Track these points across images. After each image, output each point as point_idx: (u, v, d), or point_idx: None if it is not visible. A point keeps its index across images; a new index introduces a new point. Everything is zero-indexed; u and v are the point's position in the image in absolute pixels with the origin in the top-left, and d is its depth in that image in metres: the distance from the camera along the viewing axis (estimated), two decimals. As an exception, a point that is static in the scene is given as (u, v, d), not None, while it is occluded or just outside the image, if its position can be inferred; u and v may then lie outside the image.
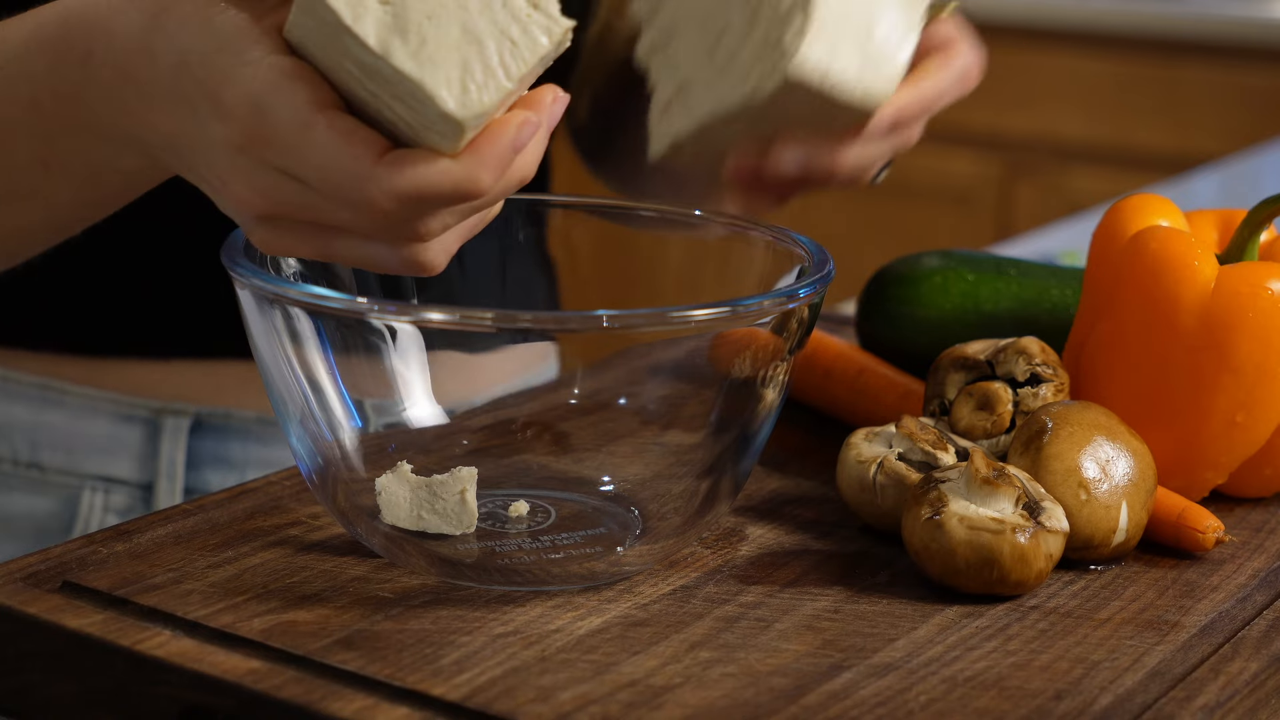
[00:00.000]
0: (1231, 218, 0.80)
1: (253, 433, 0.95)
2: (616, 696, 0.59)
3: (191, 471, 0.96)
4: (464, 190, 0.60)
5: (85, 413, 0.96)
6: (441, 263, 0.63)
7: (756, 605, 0.66)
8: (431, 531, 0.68)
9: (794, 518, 0.75)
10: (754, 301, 0.66)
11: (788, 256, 0.72)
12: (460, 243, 0.64)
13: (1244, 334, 0.73)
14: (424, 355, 0.69)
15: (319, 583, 0.66)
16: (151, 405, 0.95)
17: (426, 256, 0.62)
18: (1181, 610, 0.67)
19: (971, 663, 0.62)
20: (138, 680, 0.61)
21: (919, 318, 0.88)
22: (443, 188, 0.59)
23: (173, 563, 0.67)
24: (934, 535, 0.66)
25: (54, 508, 0.97)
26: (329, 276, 0.71)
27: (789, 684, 0.60)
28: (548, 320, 0.69)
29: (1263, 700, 0.61)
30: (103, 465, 0.96)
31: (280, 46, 0.60)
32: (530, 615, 0.64)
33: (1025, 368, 0.76)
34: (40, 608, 0.64)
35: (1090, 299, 0.79)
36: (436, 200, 0.60)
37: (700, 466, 0.68)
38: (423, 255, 0.62)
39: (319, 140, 0.59)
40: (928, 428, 0.73)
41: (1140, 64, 2.99)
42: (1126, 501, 0.70)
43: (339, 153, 0.59)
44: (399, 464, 0.69)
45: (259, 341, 0.66)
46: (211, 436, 0.95)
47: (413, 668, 0.60)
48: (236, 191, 0.62)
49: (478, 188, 0.60)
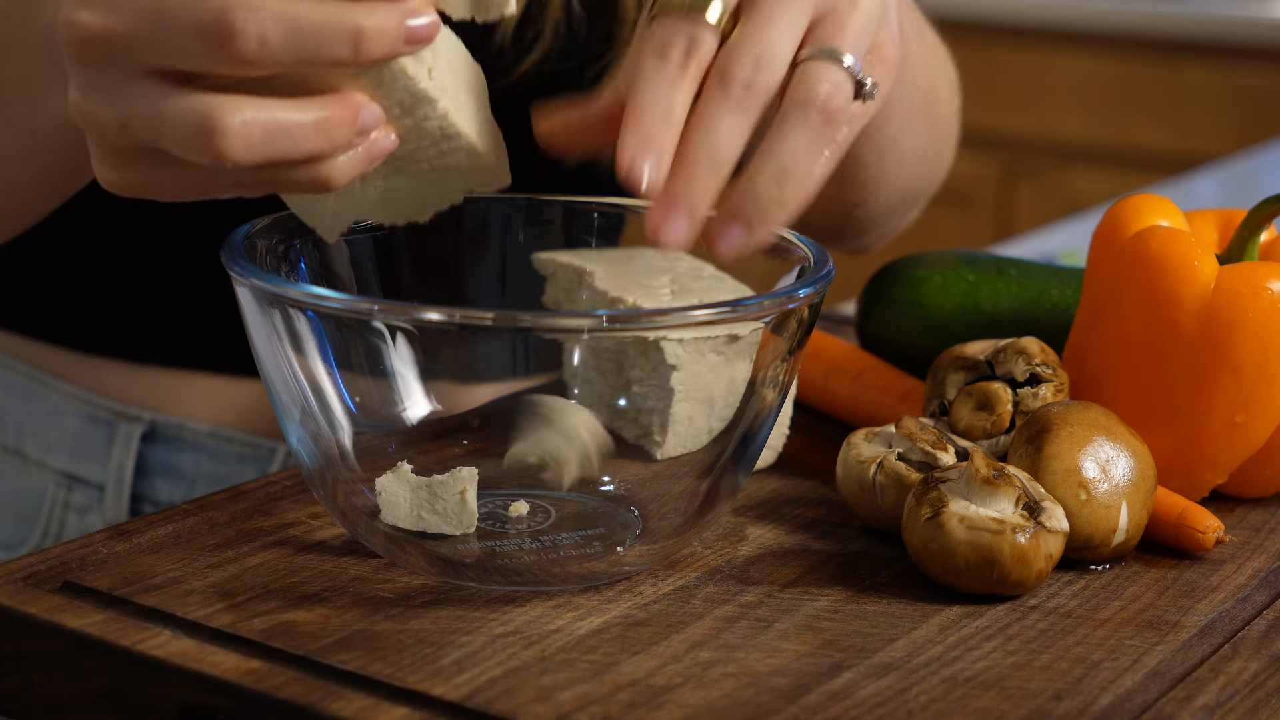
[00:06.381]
0: (1231, 218, 0.80)
1: (205, 446, 0.96)
2: (616, 696, 0.59)
3: (141, 478, 0.96)
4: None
5: (60, 408, 0.96)
6: (236, 141, 0.57)
7: (756, 605, 0.66)
8: (432, 532, 0.68)
9: (794, 518, 0.75)
10: (754, 301, 0.66)
11: (788, 256, 0.72)
12: (267, 140, 0.58)
13: (1244, 334, 0.73)
14: (424, 355, 0.69)
15: (319, 583, 0.66)
16: (113, 407, 0.95)
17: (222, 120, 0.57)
18: (1181, 610, 0.67)
19: (971, 663, 0.62)
20: (138, 680, 0.61)
21: (919, 318, 0.88)
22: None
23: (173, 563, 0.67)
24: (934, 535, 0.66)
25: (32, 497, 0.98)
26: (329, 277, 0.71)
27: (789, 684, 0.60)
28: (548, 320, 0.69)
29: (1263, 700, 0.61)
30: (68, 463, 0.97)
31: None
32: (530, 615, 0.64)
33: (1025, 368, 0.76)
34: (40, 608, 0.64)
35: (1090, 299, 0.79)
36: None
37: (700, 467, 0.68)
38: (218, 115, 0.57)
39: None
40: (928, 428, 0.73)
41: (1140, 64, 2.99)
42: (1126, 501, 0.70)
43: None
44: (399, 464, 0.69)
45: (259, 341, 0.66)
46: (164, 446, 0.96)
47: (413, 668, 0.60)
48: (66, 14, 0.59)
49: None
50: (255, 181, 0.60)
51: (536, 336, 0.73)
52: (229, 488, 0.75)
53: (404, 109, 0.61)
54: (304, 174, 0.60)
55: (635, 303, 0.75)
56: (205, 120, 0.57)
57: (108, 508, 0.96)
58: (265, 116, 0.57)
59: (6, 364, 0.98)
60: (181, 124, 0.57)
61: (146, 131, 0.58)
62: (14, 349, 0.98)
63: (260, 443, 0.96)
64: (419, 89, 0.61)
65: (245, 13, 0.56)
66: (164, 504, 0.96)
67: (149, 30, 0.57)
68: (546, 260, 0.80)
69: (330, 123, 0.58)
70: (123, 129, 0.59)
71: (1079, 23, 3.02)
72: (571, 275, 0.79)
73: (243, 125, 0.57)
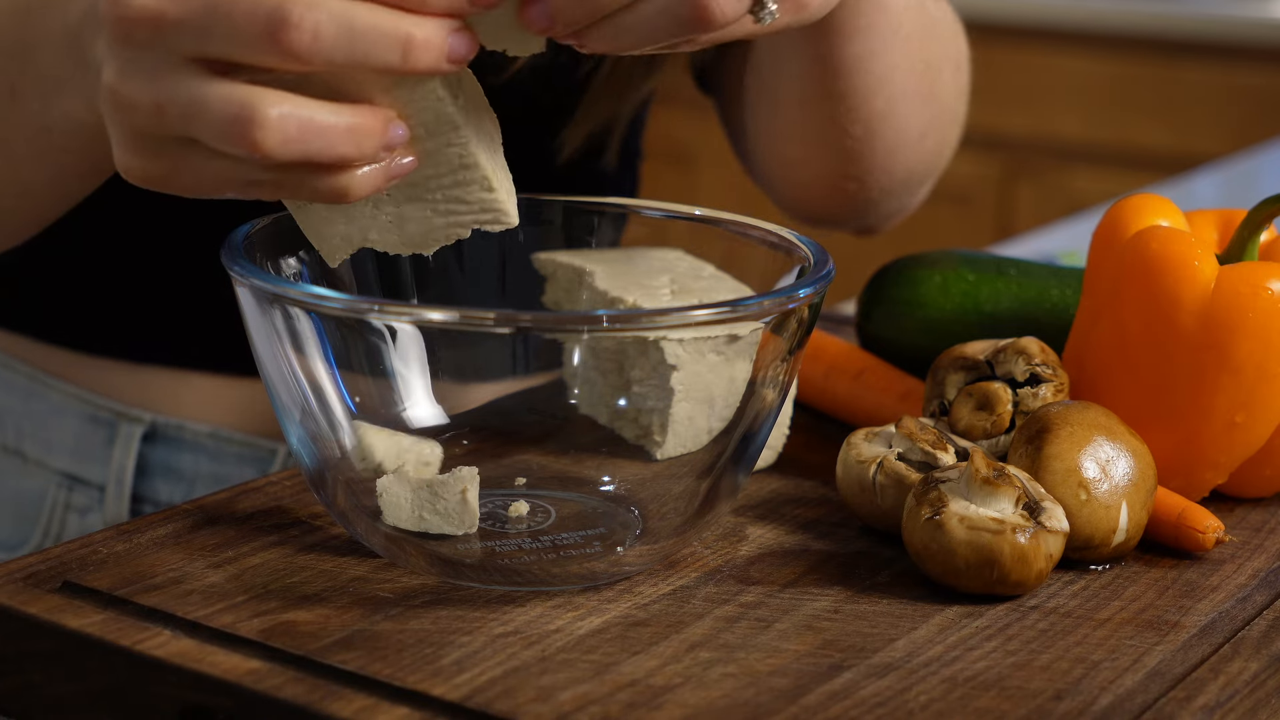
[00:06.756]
0: (1231, 218, 0.80)
1: (205, 447, 0.96)
2: (616, 696, 0.59)
3: (141, 479, 0.96)
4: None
5: (61, 408, 0.96)
6: (273, 133, 0.58)
7: (756, 605, 0.66)
8: (433, 532, 0.68)
9: (794, 518, 0.75)
10: (754, 301, 0.66)
11: (788, 256, 0.72)
12: (304, 135, 0.58)
13: (1244, 334, 0.73)
14: (424, 355, 0.69)
15: (319, 583, 0.66)
16: (113, 408, 0.96)
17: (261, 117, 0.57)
18: (1181, 610, 0.67)
19: (971, 663, 0.62)
20: (138, 680, 0.61)
21: (919, 318, 0.88)
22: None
23: (173, 563, 0.67)
24: (934, 535, 0.66)
25: (33, 498, 0.98)
26: (329, 277, 0.71)
27: (789, 684, 0.60)
28: (548, 320, 0.69)
29: (1263, 700, 0.61)
30: (69, 463, 0.97)
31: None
32: (530, 615, 0.64)
33: (1025, 368, 0.76)
34: (40, 608, 0.64)
35: (1090, 299, 0.79)
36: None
37: (700, 467, 0.68)
38: (257, 122, 0.57)
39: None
40: (928, 428, 0.73)
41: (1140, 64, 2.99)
42: (1126, 501, 0.70)
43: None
44: (400, 464, 0.69)
45: (259, 341, 0.66)
46: (164, 446, 0.96)
47: (413, 668, 0.60)
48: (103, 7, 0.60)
49: None
50: (277, 182, 0.61)
51: (536, 336, 0.73)
52: (229, 488, 0.75)
53: (428, 131, 0.62)
54: (326, 181, 0.60)
55: (635, 303, 0.75)
56: (244, 109, 0.57)
57: (108, 508, 0.96)
58: (303, 113, 0.58)
59: (7, 364, 0.98)
60: (221, 112, 0.58)
61: (181, 118, 0.59)
62: (15, 349, 0.98)
63: (260, 443, 0.96)
64: (446, 111, 0.62)
65: (302, 7, 0.57)
66: (164, 504, 0.96)
67: (202, 16, 0.58)
68: (546, 260, 0.80)
69: (362, 130, 0.59)
70: (157, 113, 0.59)
71: (1079, 23, 3.02)
72: (571, 275, 0.79)
73: (280, 118, 0.58)
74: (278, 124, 0.57)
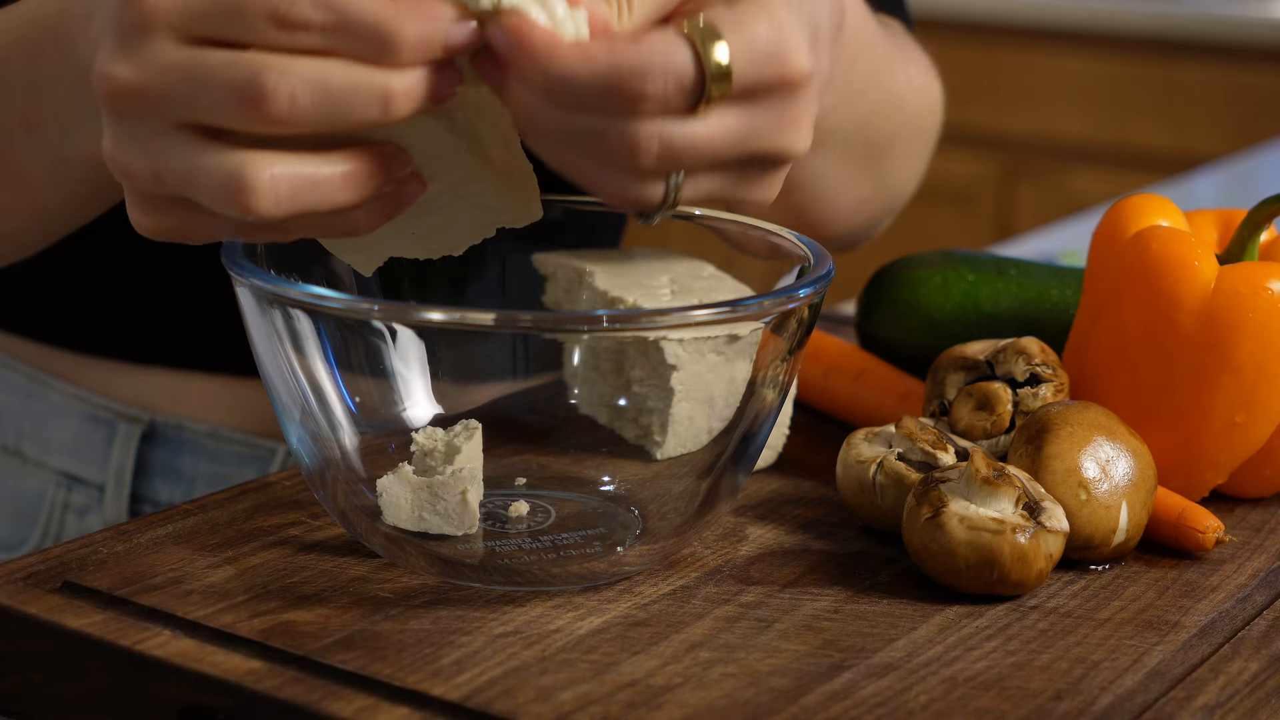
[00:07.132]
0: (1231, 218, 0.80)
1: (204, 447, 0.96)
2: (616, 696, 0.59)
3: (141, 479, 0.96)
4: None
5: (60, 408, 0.96)
6: (265, 197, 0.57)
7: (756, 605, 0.66)
8: (433, 532, 0.68)
9: (794, 518, 0.75)
10: (754, 301, 0.66)
11: (788, 256, 0.72)
12: (294, 189, 0.58)
13: (1244, 334, 0.73)
14: (424, 355, 0.69)
15: (319, 583, 0.66)
16: (113, 407, 0.96)
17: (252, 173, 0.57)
18: (1181, 610, 0.67)
19: (971, 663, 0.62)
20: (138, 680, 0.61)
21: (919, 318, 0.88)
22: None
23: (173, 563, 0.67)
24: (934, 535, 0.66)
25: (32, 498, 0.98)
26: (329, 277, 0.71)
27: (789, 684, 0.60)
28: (548, 320, 0.69)
29: (1263, 700, 0.61)
30: (68, 463, 0.97)
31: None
32: (530, 615, 0.64)
33: (1025, 368, 0.76)
34: (40, 608, 0.64)
35: (1090, 299, 0.79)
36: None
37: (700, 467, 0.68)
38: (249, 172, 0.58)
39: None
40: (928, 428, 0.73)
41: (1140, 64, 2.99)
42: (1126, 501, 0.70)
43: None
44: (400, 465, 0.69)
45: (259, 341, 0.66)
46: (163, 446, 0.96)
47: (413, 668, 0.60)
48: (102, 67, 0.60)
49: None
50: (285, 229, 0.61)
51: (536, 336, 0.73)
52: (229, 488, 0.75)
53: (431, 156, 0.63)
54: (333, 222, 0.61)
55: (635, 303, 0.75)
56: (233, 177, 0.58)
57: (107, 508, 0.96)
58: (293, 171, 0.58)
59: (7, 364, 0.98)
60: (212, 179, 0.58)
61: (178, 184, 0.59)
62: (14, 349, 0.98)
63: (260, 443, 0.96)
64: (444, 139, 0.62)
65: (276, 75, 0.57)
66: (164, 504, 0.96)
67: (183, 87, 0.58)
68: (546, 260, 0.80)
69: (358, 174, 0.60)
70: (155, 180, 0.60)
71: (1079, 23, 3.02)
72: (571, 275, 0.79)
73: (272, 180, 0.58)
74: (269, 186, 0.58)
